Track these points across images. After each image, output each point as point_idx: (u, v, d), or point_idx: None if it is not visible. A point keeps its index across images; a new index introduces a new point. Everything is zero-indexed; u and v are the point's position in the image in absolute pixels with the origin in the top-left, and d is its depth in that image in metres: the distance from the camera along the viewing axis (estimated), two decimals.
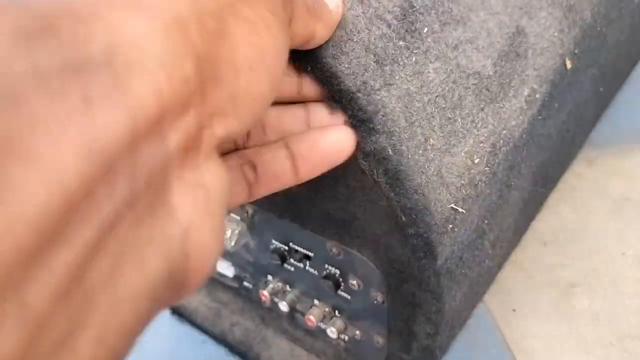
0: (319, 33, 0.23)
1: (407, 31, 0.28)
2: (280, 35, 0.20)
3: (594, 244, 0.53)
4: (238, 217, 0.42)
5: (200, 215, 0.17)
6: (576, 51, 0.38)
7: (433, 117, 0.27)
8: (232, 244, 0.43)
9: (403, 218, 0.26)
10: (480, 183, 0.29)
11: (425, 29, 0.29)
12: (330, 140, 0.25)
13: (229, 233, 0.43)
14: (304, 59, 0.25)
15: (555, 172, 0.41)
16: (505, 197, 0.32)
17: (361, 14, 0.27)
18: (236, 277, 0.47)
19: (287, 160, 0.25)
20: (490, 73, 0.31)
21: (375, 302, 0.36)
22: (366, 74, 0.25)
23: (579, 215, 0.55)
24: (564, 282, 0.50)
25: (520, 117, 0.32)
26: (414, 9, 0.29)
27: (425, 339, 0.31)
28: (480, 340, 0.46)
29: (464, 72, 0.29)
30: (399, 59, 0.27)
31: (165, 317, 0.54)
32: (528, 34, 0.34)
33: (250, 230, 0.42)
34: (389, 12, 0.28)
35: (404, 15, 0.28)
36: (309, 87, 0.26)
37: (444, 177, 0.27)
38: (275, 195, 0.28)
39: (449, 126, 0.28)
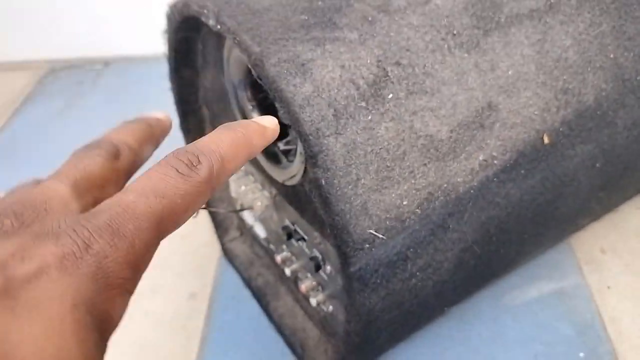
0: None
1: (372, 95, 0.37)
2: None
3: None
4: (268, 194, 0.54)
5: None
6: (561, 129, 0.43)
7: (371, 163, 0.36)
8: (259, 213, 0.55)
9: (329, 231, 0.36)
10: (408, 219, 0.38)
11: (390, 95, 0.37)
12: None
13: (258, 203, 0.55)
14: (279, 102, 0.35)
15: (524, 228, 0.46)
16: (439, 235, 0.40)
17: (337, 77, 0.36)
18: (265, 239, 0.59)
19: None
20: (444, 137, 0.38)
21: (339, 287, 0.46)
22: (322, 123, 0.35)
23: None
24: None
25: (470, 176, 0.39)
26: (387, 77, 0.37)
27: (347, 324, 0.41)
28: (576, 307, 0.58)
29: (416, 133, 0.37)
30: (356, 116, 0.36)
31: None
32: (501, 109, 0.40)
33: (274, 206, 0.53)
34: (362, 77, 0.37)
35: (375, 82, 0.37)
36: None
37: (369, 209, 0.36)
38: (285, 187, 0.38)
39: (385, 172, 0.36)
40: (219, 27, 0.39)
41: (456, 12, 0.41)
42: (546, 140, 0.42)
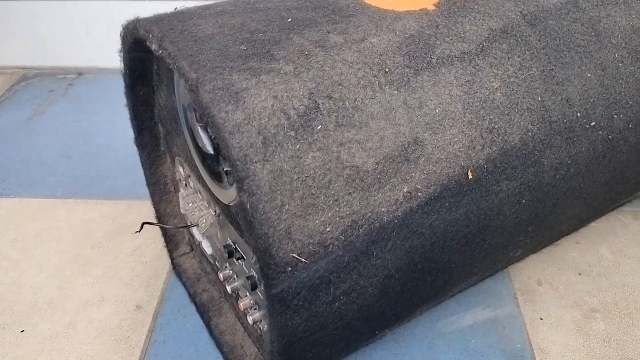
0: None
1: (302, 125, 0.39)
2: None
3: (621, 282, 0.68)
4: (213, 213, 0.55)
5: None
6: (486, 166, 0.45)
7: (297, 191, 0.38)
8: (204, 230, 0.57)
9: (252, 254, 0.38)
10: (332, 245, 0.40)
11: (320, 127, 0.39)
12: None
13: (204, 221, 0.57)
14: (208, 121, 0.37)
15: (451, 258, 0.49)
16: (363, 262, 0.42)
17: (269, 106, 0.38)
18: (212, 256, 0.60)
19: None
20: (370, 169, 0.40)
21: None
22: (250, 150, 0.37)
23: (614, 257, 0.71)
24: (588, 307, 0.64)
25: (394, 207, 0.41)
26: (318, 110, 0.39)
27: (271, 344, 0.43)
28: (508, 336, 0.61)
29: (342, 164, 0.39)
30: (284, 144, 0.38)
31: None
32: (426, 145, 0.42)
33: (218, 225, 0.55)
34: (294, 108, 0.39)
35: (306, 113, 0.39)
36: None
37: (293, 234, 0.38)
38: (228, 207, 0.40)
39: (310, 200, 0.38)
40: (161, 52, 0.41)
41: (390, 51, 0.43)
42: (470, 176, 0.45)
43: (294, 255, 0.38)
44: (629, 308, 0.64)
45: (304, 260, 0.38)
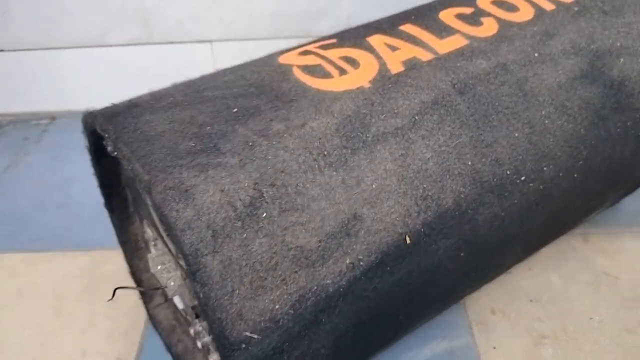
0: None
1: (247, 215, 0.43)
2: None
3: (569, 307, 0.72)
4: (180, 274, 0.59)
5: None
6: (422, 229, 0.50)
7: (246, 276, 0.42)
8: (172, 292, 0.61)
9: (209, 334, 0.42)
10: (282, 319, 0.44)
11: (265, 214, 0.43)
12: None
13: (171, 282, 0.61)
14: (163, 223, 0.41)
15: (397, 311, 0.53)
16: (313, 329, 0.46)
17: (217, 200, 0.42)
18: (183, 310, 0.64)
19: None
20: (313, 247, 0.44)
21: None
22: (200, 244, 0.41)
23: (563, 282, 0.76)
24: (537, 333, 0.69)
25: (338, 277, 0.46)
26: (262, 198, 0.44)
27: None
28: None
29: (287, 246, 0.44)
30: (232, 235, 0.42)
31: None
32: (365, 219, 0.47)
33: (185, 286, 0.59)
34: (240, 200, 0.43)
35: (251, 203, 0.43)
36: None
37: (244, 315, 0.42)
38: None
39: (258, 282, 0.42)
40: (115, 153, 0.44)
41: (328, 134, 0.48)
42: (408, 240, 0.49)
43: (246, 333, 0.42)
44: (576, 333, 0.69)
45: (256, 336, 0.43)
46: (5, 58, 1.09)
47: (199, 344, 0.59)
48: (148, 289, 0.68)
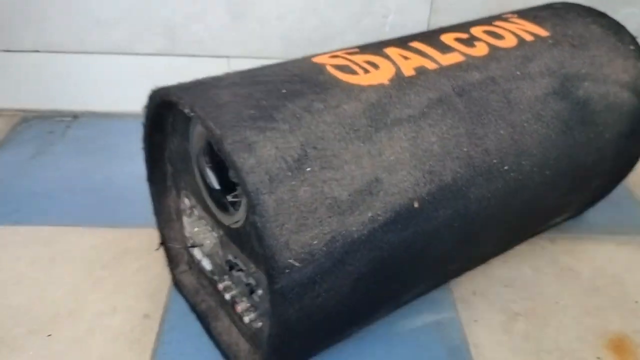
0: None
1: (296, 168, 0.54)
2: None
3: (539, 292, 0.85)
4: (216, 235, 0.70)
5: None
6: (427, 198, 0.62)
7: (293, 214, 0.53)
8: (208, 250, 0.71)
9: (261, 259, 0.53)
10: (317, 254, 0.55)
11: (309, 169, 0.55)
12: None
13: (208, 241, 0.71)
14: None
15: (402, 267, 0.64)
16: (339, 267, 0.57)
17: (273, 154, 0.54)
18: (211, 271, 0.74)
19: None
20: (344, 199, 0.56)
21: (266, 305, 0.62)
22: (260, 185, 0.52)
23: (534, 273, 0.90)
24: (512, 311, 0.82)
25: (361, 226, 0.57)
26: (307, 157, 0.55)
27: (271, 328, 0.57)
28: (449, 335, 0.77)
29: (324, 195, 0.55)
30: (284, 181, 0.53)
31: None
32: (384, 182, 0.58)
33: (220, 244, 0.69)
34: (290, 156, 0.54)
35: (299, 159, 0.55)
36: None
37: (290, 245, 0.53)
38: (230, 229, 0.55)
39: (302, 220, 0.53)
40: (192, 114, 0.56)
41: (357, 114, 0.60)
42: (416, 205, 0.61)
43: (290, 260, 0.53)
44: (544, 312, 0.81)
45: (297, 264, 0.53)
46: (38, 58, 1.19)
47: (227, 297, 0.69)
48: (186, 247, 0.78)
